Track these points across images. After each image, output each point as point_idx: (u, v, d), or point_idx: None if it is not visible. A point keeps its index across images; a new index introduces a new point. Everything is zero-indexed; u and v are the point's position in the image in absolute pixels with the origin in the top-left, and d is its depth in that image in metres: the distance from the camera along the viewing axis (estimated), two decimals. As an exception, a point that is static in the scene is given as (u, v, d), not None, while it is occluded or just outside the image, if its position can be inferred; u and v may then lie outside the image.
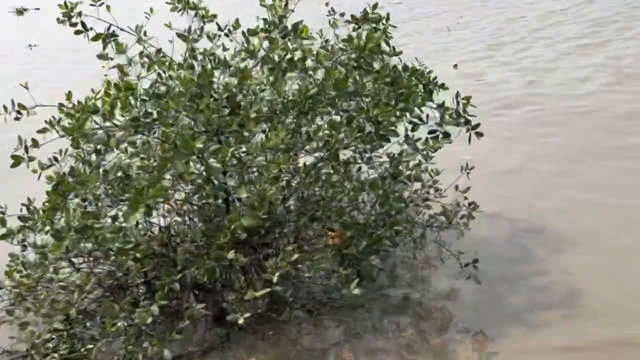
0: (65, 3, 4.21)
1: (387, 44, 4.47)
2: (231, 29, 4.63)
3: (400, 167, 4.64)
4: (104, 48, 4.28)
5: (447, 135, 4.60)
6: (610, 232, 5.36)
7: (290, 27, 4.37)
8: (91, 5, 4.22)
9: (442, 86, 4.55)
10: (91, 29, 4.23)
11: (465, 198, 5.12)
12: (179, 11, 4.49)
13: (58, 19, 4.23)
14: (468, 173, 5.04)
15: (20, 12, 7.44)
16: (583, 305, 4.42)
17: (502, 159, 7.11)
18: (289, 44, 4.32)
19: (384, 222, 4.56)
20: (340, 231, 4.43)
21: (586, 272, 4.78)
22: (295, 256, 3.83)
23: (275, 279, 3.69)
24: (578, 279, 4.70)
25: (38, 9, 13.21)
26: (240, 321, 3.67)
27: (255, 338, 4.30)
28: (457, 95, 4.58)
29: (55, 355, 4.00)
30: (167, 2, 4.47)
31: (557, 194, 6.17)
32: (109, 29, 4.25)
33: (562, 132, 7.82)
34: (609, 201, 5.88)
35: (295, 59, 4.27)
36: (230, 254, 3.75)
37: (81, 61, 12.81)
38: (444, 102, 4.56)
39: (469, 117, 4.58)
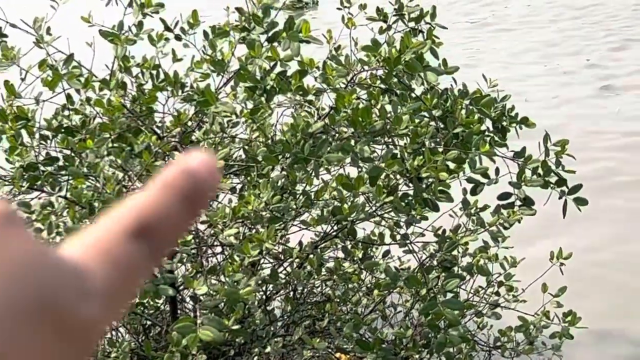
0: None
1: (434, 54, 2.87)
2: (186, 26, 3.00)
3: (454, 252, 2.97)
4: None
5: (528, 202, 2.89)
6: None
7: (280, 24, 2.79)
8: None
9: (526, 122, 2.87)
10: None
11: (559, 305, 3.29)
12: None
13: None
14: (562, 264, 3.25)
15: None
16: None
17: (624, 243, 4.96)
18: (278, 49, 2.75)
19: (427, 340, 2.91)
20: (355, 354, 2.91)
21: None
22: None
23: None
24: None
25: None
26: None
27: None
28: (546, 138, 2.89)
29: None
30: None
31: None
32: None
33: None
34: None
35: (289, 74, 2.76)
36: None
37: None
38: (524, 150, 2.87)
39: (563, 175, 2.86)
